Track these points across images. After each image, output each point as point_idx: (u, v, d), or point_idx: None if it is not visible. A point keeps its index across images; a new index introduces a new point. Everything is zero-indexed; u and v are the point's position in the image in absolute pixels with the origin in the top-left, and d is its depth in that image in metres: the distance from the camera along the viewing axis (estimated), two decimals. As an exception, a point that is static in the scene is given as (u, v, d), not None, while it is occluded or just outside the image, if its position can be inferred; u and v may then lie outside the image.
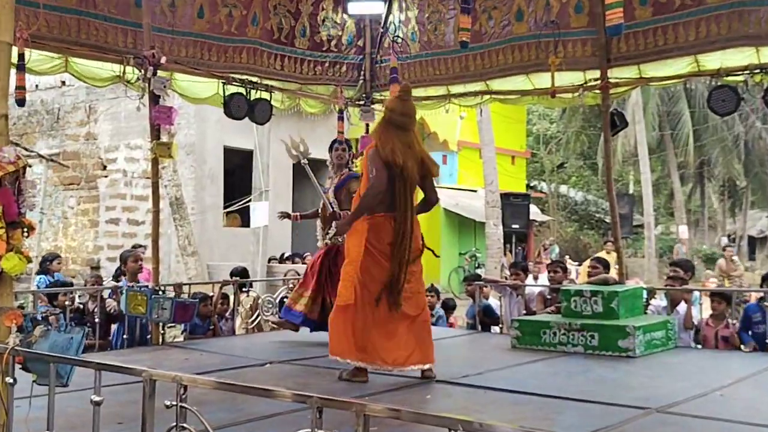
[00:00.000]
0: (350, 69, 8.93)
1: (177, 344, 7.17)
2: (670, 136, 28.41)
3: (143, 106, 7.07)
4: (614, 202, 8.09)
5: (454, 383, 5.18)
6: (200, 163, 14.18)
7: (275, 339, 7.62)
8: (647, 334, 6.44)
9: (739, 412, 4.38)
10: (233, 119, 8.05)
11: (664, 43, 7.05)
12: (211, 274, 13.02)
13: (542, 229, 27.36)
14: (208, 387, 2.83)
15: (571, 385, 5.12)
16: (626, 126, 8.15)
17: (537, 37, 7.68)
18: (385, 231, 5.08)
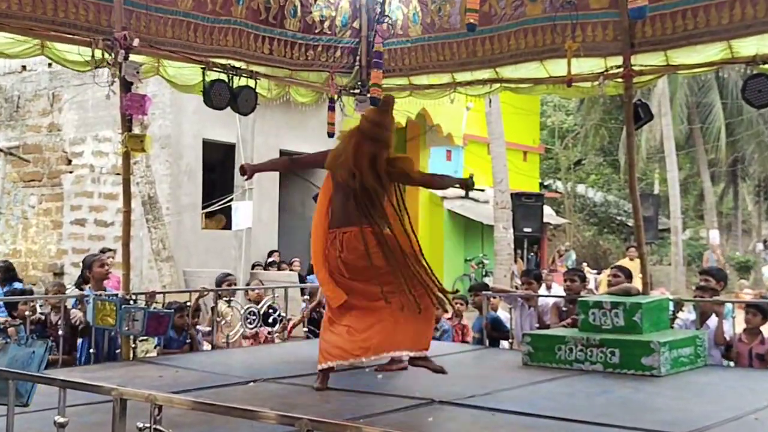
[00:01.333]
0: (345, 54, 8.94)
1: (150, 360, 7.18)
2: (699, 131, 28.45)
3: (113, 94, 7.04)
4: (637, 204, 8.10)
5: (459, 404, 5.17)
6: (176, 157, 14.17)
7: (259, 354, 7.63)
8: (674, 351, 6.45)
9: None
10: (214, 109, 8.02)
11: (693, 26, 7.06)
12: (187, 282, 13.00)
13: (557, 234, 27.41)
14: (184, 407, 2.83)
15: (589, 407, 5.13)
16: (651, 119, 8.16)
17: (552, 19, 7.69)
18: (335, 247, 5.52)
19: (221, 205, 14.46)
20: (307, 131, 15.48)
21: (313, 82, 8.84)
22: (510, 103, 18.06)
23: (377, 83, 8.51)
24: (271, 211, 15.42)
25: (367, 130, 5.54)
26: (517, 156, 23.02)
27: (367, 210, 5.45)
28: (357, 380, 5.95)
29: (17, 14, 6.44)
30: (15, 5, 6.41)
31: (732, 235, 33.11)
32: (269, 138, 14.96)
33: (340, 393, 5.54)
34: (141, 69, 7.13)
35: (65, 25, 6.73)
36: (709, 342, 7.02)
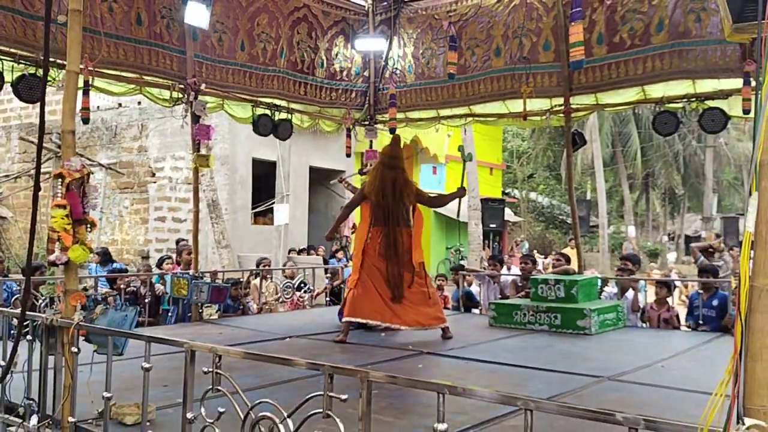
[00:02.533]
0: (358, 95, 8.94)
1: (213, 321, 7.17)
2: (621, 152, 28.38)
3: (186, 125, 7.07)
4: (574, 207, 8.10)
5: (442, 355, 5.19)
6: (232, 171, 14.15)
7: (293, 317, 7.63)
8: (601, 316, 6.44)
9: (677, 380, 4.38)
10: (260, 135, 8.05)
11: (617, 75, 7.06)
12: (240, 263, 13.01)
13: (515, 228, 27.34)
14: (238, 357, 2.83)
15: (537, 357, 5.13)
16: (585, 144, 8.16)
17: (512, 69, 7.69)
18: (375, 239, 5.81)
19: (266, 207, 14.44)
20: (330, 152, 15.45)
21: (335, 116, 8.85)
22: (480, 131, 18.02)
23: (393, 117, 8.55)
24: (302, 211, 15.39)
25: (387, 162, 5.88)
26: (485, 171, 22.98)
27: (392, 217, 5.79)
28: (366, 337, 5.95)
29: (124, 62, 6.45)
30: (122, 55, 6.42)
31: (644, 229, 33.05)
32: (301, 157, 14.93)
33: (354, 346, 5.54)
34: (207, 106, 7.14)
35: (157, 72, 6.73)
36: (627, 309, 7.02)
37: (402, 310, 5.72)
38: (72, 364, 3.28)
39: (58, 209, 3.37)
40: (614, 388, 4.17)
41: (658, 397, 4.00)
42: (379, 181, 5.82)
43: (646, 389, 4.17)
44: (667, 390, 4.14)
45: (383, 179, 5.81)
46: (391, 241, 5.74)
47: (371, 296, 5.70)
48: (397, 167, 5.88)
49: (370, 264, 5.79)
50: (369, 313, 5.67)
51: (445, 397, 2.10)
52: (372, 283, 5.73)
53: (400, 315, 5.71)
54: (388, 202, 5.78)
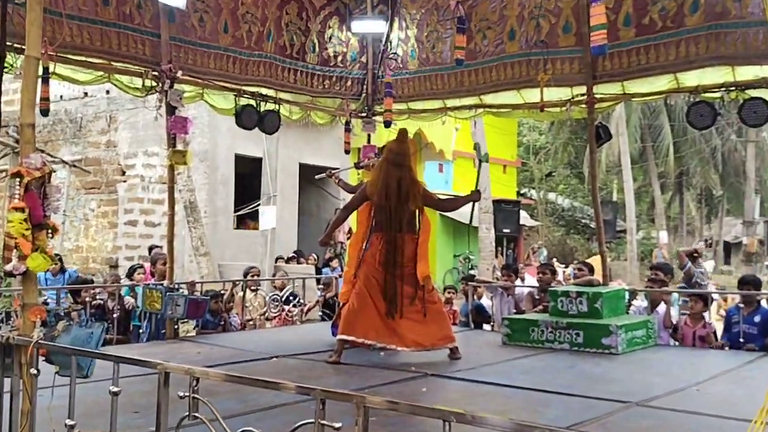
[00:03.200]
0: (354, 83, 8.95)
1: (190, 338, 7.18)
2: (651, 148, 28.42)
3: (160, 117, 7.08)
4: (599, 209, 8.09)
5: (448, 377, 5.18)
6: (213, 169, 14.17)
7: (280, 334, 7.63)
8: (629, 333, 6.43)
9: (714, 406, 4.37)
10: (244, 129, 8.05)
11: (646, 61, 7.05)
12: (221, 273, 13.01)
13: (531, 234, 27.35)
14: (218, 379, 2.83)
15: (557, 379, 5.12)
16: (610, 138, 8.16)
17: (527, 55, 7.70)
18: (375, 246, 5.81)
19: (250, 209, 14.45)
20: (322, 147, 15.49)
21: (328, 106, 8.87)
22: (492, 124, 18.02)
23: (390, 109, 8.55)
24: (291, 214, 15.41)
25: (392, 159, 5.84)
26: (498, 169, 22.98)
27: (395, 221, 5.77)
28: (363, 356, 5.95)
29: (89, 47, 6.44)
30: (87, 39, 6.41)
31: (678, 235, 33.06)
32: (290, 152, 14.95)
33: (349, 367, 5.53)
34: (184, 95, 7.15)
35: (126, 57, 6.73)
36: (658, 325, 7.01)
37: (401, 328, 5.69)
38: (31, 387, 3.28)
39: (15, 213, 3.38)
40: (643, 415, 4.17)
41: (692, 424, 4.00)
42: (383, 181, 5.79)
43: (678, 416, 4.16)
44: (702, 417, 4.13)
45: (387, 178, 5.79)
46: (393, 249, 5.72)
47: (368, 312, 5.68)
48: (404, 165, 5.86)
49: (368, 274, 5.78)
50: (364, 332, 5.65)
51: (451, 425, 2.10)
52: (370, 297, 5.71)
53: (399, 334, 5.69)
54: (391, 205, 5.77)
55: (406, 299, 5.71)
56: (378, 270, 5.75)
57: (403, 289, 5.71)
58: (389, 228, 5.77)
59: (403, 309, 5.70)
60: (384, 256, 5.73)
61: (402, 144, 5.96)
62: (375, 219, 5.88)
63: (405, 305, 5.71)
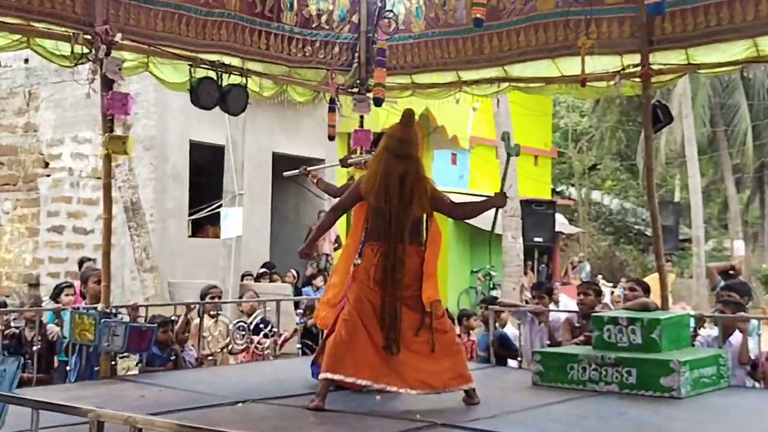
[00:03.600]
0: (343, 50, 8.95)
1: (131, 378, 7.15)
2: (723, 134, 28.45)
3: (94, 93, 7.07)
4: (656, 212, 8.08)
5: (462, 428, 5.16)
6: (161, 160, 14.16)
7: (248, 372, 7.62)
8: (695, 371, 6.43)
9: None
10: (201, 109, 8.04)
11: (716, 23, 7.06)
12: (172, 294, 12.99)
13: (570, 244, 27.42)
14: (167, 430, 2.83)
15: (603, 431, 5.11)
16: (671, 121, 8.18)
17: (566, 14, 7.70)
18: (369, 259, 5.79)
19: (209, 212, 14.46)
20: (302, 132, 15.50)
21: (310, 80, 8.86)
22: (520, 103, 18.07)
23: (381, 83, 8.52)
24: (262, 218, 15.41)
25: (394, 148, 5.81)
26: (528, 160, 23.05)
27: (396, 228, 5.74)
28: (354, 401, 5.94)
29: (2, 3, 6.43)
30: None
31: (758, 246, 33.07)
32: (261, 139, 14.97)
33: (336, 415, 5.52)
34: (127, 65, 7.15)
35: (49, 16, 6.71)
36: (732, 361, 7.00)
37: (403, 365, 5.69)
38: (-75, 440, 3.27)
39: None
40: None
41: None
42: (382, 176, 5.78)
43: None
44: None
45: (388, 173, 5.77)
46: (393, 264, 5.72)
47: (360, 343, 5.67)
48: (409, 157, 5.84)
49: (360, 295, 5.77)
50: (355, 369, 5.64)
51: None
52: (362, 324, 5.71)
53: (401, 372, 5.68)
54: (392, 207, 5.75)
55: (409, 328, 5.69)
56: (373, 290, 5.72)
57: (405, 314, 5.69)
58: (388, 237, 5.75)
59: (405, 340, 5.68)
60: (381, 272, 5.71)
61: (407, 129, 5.93)
62: (371, 225, 5.88)
63: (408, 336, 5.69)
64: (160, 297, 12.53)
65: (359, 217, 6.02)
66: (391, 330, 5.67)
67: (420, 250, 5.83)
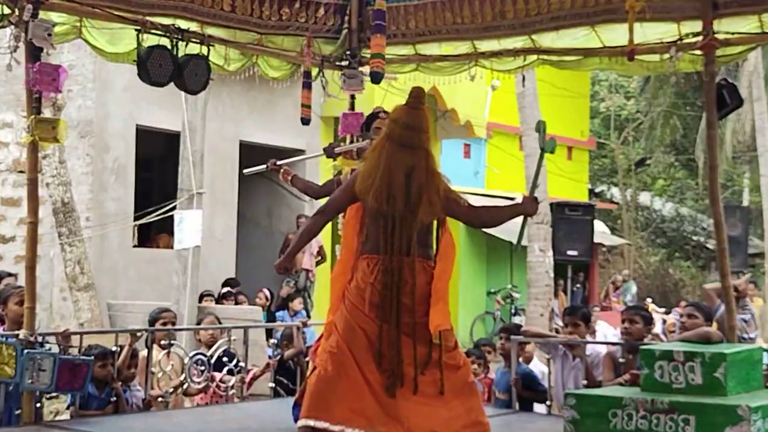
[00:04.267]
0: (330, 13, 8.96)
1: (60, 423, 7.18)
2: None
3: (17, 64, 7.08)
4: (721, 219, 8.08)
5: (478, 489, 5.18)
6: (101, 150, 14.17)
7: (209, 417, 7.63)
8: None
9: None
10: (152, 86, 8.04)
11: (798, -19, 7.11)
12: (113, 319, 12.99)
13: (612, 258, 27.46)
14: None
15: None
16: (740, 105, 8.18)
17: (609, -30, 7.74)
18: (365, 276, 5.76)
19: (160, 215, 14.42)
20: (277, 116, 15.51)
21: (288, 50, 8.87)
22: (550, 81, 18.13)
23: (380, 53, 8.47)
24: (227, 224, 15.43)
25: (398, 135, 5.79)
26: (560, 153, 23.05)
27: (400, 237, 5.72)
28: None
29: None
30: None
31: None
32: (225, 124, 14.99)
33: (318, 472, 5.53)
34: (54, 30, 7.15)
35: None
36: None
37: (405, 409, 5.64)
38: None
39: None
40: None
41: None
42: (384, 171, 5.77)
43: None
44: None
45: (391, 168, 5.78)
46: (396, 283, 5.69)
47: (350, 382, 5.65)
48: (418, 147, 5.85)
49: (352, 322, 5.75)
50: (344, 415, 5.63)
51: None
52: (353, 359, 5.70)
53: (402, 419, 5.64)
54: (395, 211, 5.74)
55: (412, 365, 5.66)
56: (368, 316, 5.70)
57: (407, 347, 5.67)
58: (390, 249, 5.73)
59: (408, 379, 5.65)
60: (379, 293, 5.69)
61: (416, 112, 5.95)
62: (367, 233, 5.87)
63: (411, 373, 5.66)
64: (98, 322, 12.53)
65: (352, 223, 6.00)
66: (393, 367, 5.66)
67: (428, 266, 5.80)
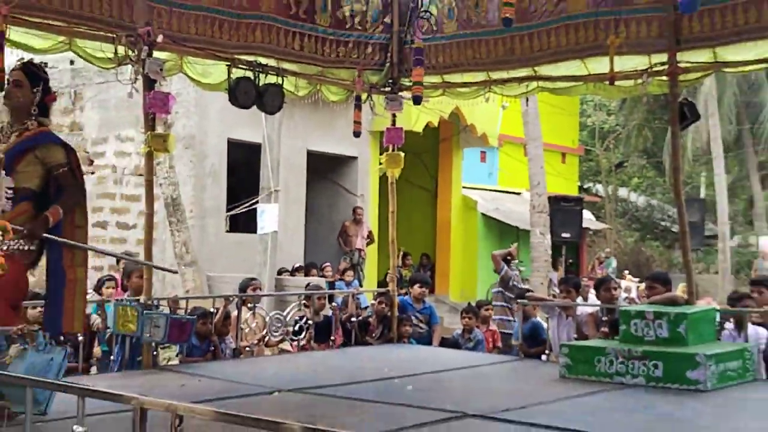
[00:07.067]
0: (376, 50, 8.95)
1: (172, 368, 7.20)
2: (749, 131, 28.11)
3: (136, 93, 7.12)
4: (683, 209, 8.02)
5: (492, 418, 5.15)
6: (200, 158, 14.22)
7: (284, 363, 7.65)
8: (721, 364, 6.37)
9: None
10: (239, 108, 8.08)
11: (744, 22, 6.99)
12: (211, 287, 13.05)
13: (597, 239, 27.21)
14: (206, 418, 2.83)
15: (630, 423, 5.10)
16: (698, 119, 8.10)
17: (595, 14, 7.65)
18: None
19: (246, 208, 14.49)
20: (336, 131, 15.46)
21: (344, 79, 8.88)
22: (548, 102, 17.93)
23: (419, 81, 8.51)
24: (297, 215, 15.42)
25: None
26: (555, 158, 22.91)
27: None
28: (385, 390, 5.94)
29: (45, 7, 6.50)
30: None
31: (784, 241, 32.66)
32: (296, 138, 14.98)
33: (368, 404, 5.53)
34: (164, 66, 7.19)
35: (91, 20, 6.76)
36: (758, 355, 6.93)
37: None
38: (-24, 426, 3.31)
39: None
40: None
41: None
42: None
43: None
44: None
45: None
46: None
47: None
48: None
49: None
50: None
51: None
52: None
53: None
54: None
55: None
56: None
57: None
58: None
59: None
60: None
61: None
62: None
63: None
64: (199, 290, 12.59)
65: None
66: None
67: None
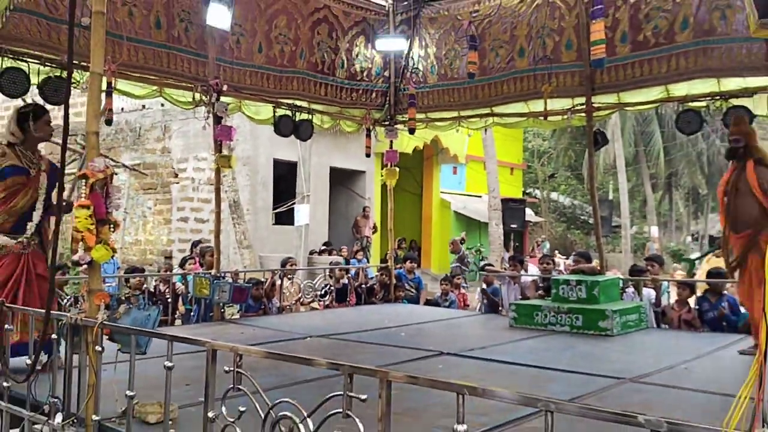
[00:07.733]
0: (378, 95, 8.95)
1: (234, 321, 7.22)
2: (643, 152, 28.08)
3: (208, 126, 7.12)
4: (596, 207, 8.02)
5: (461, 356, 5.17)
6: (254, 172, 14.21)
7: (313, 317, 7.65)
8: (623, 317, 6.38)
9: (701, 382, 4.32)
10: (281, 136, 8.09)
11: (640, 74, 6.99)
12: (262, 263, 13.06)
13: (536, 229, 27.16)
14: (259, 356, 2.84)
15: (559, 359, 5.09)
16: (607, 143, 8.09)
17: (534, 70, 7.65)
18: None
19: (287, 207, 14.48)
20: (350, 152, 15.45)
21: (356, 116, 8.89)
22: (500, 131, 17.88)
23: (413, 118, 8.58)
24: (323, 212, 15.42)
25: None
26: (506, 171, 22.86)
27: None
28: (385, 336, 5.94)
29: (143, 65, 6.52)
30: (141, 59, 6.49)
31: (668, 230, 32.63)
32: (322, 157, 14.96)
33: (372, 346, 5.54)
34: (228, 107, 7.19)
35: (176, 75, 6.79)
36: (649, 309, 6.93)
37: None
38: (96, 362, 3.31)
39: (81, 209, 3.41)
40: (637, 390, 4.13)
41: (681, 399, 3.94)
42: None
43: (669, 391, 4.12)
44: (690, 392, 4.09)
45: None
46: None
47: None
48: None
49: None
50: None
51: (465, 398, 2.09)
52: None
53: None
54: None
55: None
56: None
57: None
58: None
59: None
60: None
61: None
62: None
63: None
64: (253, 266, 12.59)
65: None
66: None
67: None
